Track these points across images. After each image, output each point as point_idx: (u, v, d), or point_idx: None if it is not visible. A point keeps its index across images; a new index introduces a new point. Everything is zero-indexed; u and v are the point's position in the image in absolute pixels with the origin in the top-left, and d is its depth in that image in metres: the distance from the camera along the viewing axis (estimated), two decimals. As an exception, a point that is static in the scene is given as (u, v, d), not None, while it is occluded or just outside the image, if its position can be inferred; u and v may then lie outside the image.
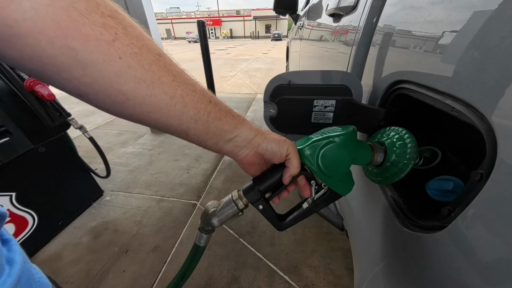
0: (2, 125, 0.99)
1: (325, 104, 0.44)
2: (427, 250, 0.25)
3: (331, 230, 1.28)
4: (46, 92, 1.09)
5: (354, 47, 0.51)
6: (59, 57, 0.17)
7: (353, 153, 0.33)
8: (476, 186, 0.20)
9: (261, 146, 0.32)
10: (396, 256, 0.32)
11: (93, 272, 1.09)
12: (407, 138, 0.33)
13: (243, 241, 1.23)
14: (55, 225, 1.27)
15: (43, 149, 1.17)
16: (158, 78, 0.22)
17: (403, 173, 0.33)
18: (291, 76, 0.45)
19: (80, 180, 1.42)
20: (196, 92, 0.26)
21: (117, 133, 2.62)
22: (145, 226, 1.34)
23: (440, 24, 0.26)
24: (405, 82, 0.33)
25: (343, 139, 0.32)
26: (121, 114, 0.23)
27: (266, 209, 0.35)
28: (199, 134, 0.28)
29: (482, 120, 0.20)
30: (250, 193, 0.34)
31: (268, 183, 0.33)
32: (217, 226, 0.35)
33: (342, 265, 1.10)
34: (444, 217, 0.23)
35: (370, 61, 0.46)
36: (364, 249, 0.44)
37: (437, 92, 0.26)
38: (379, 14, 0.44)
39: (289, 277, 1.04)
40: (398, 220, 0.31)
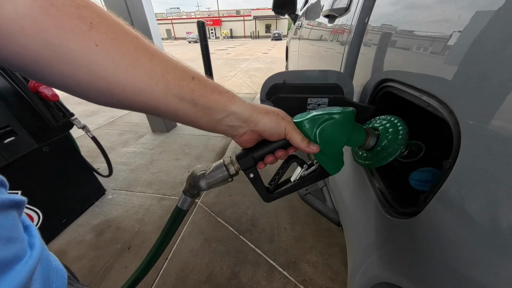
0: (7, 125, 1.02)
1: (318, 102, 0.47)
2: (407, 234, 0.27)
3: (329, 226, 1.31)
4: (50, 92, 1.12)
5: (347, 47, 0.53)
6: (40, 52, 0.18)
7: (349, 133, 0.33)
8: (446, 173, 0.22)
9: (259, 125, 0.31)
10: (383, 242, 0.34)
11: (97, 268, 1.11)
12: (400, 125, 0.34)
13: (243, 238, 1.25)
14: (59, 223, 1.30)
15: (47, 149, 1.20)
16: (136, 58, 0.22)
17: (391, 157, 0.34)
18: (286, 75, 0.47)
19: (83, 179, 1.45)
20: (177, 69, 0.25)
21: (118, 133, 2.65)
22: (147, 224, 1.36)
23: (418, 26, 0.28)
24: (390, 81, 0.35)
25: (342, 117, 0.32)
26: (110, 102, 0.24)
27: (256, 178, 0.35)
28: (188, 114, 0.27)
29: (451, 114, 0.22)
30: (243, 159, 0.33)
31: (263, 151, 0.33)
32: (204, 189, 0.35)
33: (340, 260, 1.12)
34: (421, 203, 0.25)
35: (361, 61, 0.48)
36: (356, 240, 0.46)
37: (415, 90, 0.28)
38: (369, 15, 0.46)
39: (288, 273, 1.07)
40: (383, 210, 0.34)
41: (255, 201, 1.52)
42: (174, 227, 0.42)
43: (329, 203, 0.91)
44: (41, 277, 0.24)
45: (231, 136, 0.32)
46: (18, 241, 0.21)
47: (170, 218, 0.42)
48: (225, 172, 0.34)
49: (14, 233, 0.21)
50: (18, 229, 0.22)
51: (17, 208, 0.23)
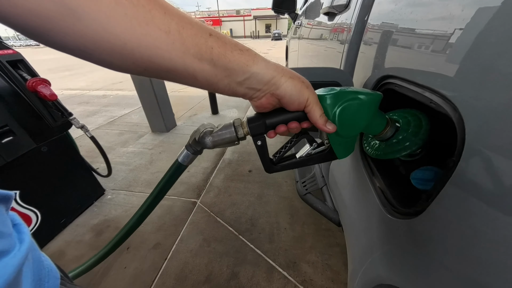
0: (5, 125, 1.01)
1: (318, 100, 0.46)
2: (408, 234, 0.26)
3: (329, 226, 1.30)
4: (48, 92, 1.11)
5: (347, 45, 0.53)
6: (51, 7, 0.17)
7: (370, 118, 0.32)
8: (449, 172, 0.21)
9: (280, 90, 0.28)
10: (384, 242, 0.33)
11: (96, 268, 1.10)
12: (423, 121, 0.33)
13: (242, 238, 1.24)
14: (58, 223, 1.30)
15: (45, 148, 1.19)
16: (148, 11, 0.21)
17: (405, 151, 0.32)
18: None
19: (82, 179, 1.45)
20: (192, 25, 0.23)
21: (118, 133, 2.64)
22: (146, 224, 1.35)
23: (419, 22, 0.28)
24: (391, 77, 0.34)
25: (369, 99, 0.30)
26: (125, 64, 0.22)
27: (263, 146, 0.34)
28: (207, 77, 0.25)
29: (454, 110, 0.21)
30: (254, 123, 0.31)
31: (276, 119, 0.31)
32: (209, 147, 0.34)
33: (340, 260, 1.11)
34: (423, 203, 0.25)
35: (361, 58, 0.47)
36: (356, 240, 0.45)
37: (417, 86, 0.27)
38: (369, 12, 0.46)
39: (288, 273, 1.06)
40: (384, 209, 0.33)
41: (254, 201, 1.51)
42: (172, 180, 0.41)
43: (329, 203, 0.91)
44: (32, 276, 0.24)
45: (249, 99, 0.30)
46: (6, 236, 0.21)
47: (168, 171, 0.41)
48: (233, 134, 0.32)
49: (2, 228, 0.20)
50: (6, 223, 0.22)
51: (4, 202, 0.22)
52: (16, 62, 1.13)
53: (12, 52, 1.11)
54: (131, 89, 4.88)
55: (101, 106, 3.69)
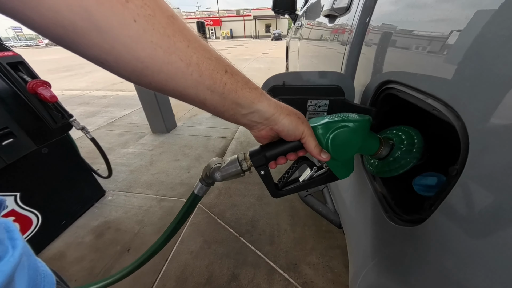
0: (6, 127, 1.01)
1: (319, 104, 0.46)
2: (411, 242, 0.26)
3: (330, 228, 1.30)
4: (48, 94, 1.11)
5: (348, 47, 0.52)
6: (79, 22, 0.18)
7: (362, 141, 0.34)
8: (452, 180, 0.21)
9: (278, 125, 0.31)
10: (385, 248, 0.33)
11: (96, 270, 1.11)
12: (416, 138, 0.35)
13: (243, 240, 1.24)
14: (58, 225, 1.30)
15: (46, 150, 1.19)
16: (173, 43, 0.22)
17: (403, 169, 0.34)
18: (286, 76, 0.46)
19: (83, 180, 1.45)
20: (211, 60, 0.25)
21: (118, 133, 2.64)
22: (146, 225, 1.36)
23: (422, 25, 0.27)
24: (393, 83, 0.34)
25: (357, 125, 0.32)
26: (141, 82, 0.24)
27: (267, 175, 0.37)
28: (215, 105, 0.27)
29: (457, 118, 0.21)
30: (256, 157, 0.35)
31: (275, 151, 0.35)
32: (219, 180, 0.37)
33: (341, 262, 1.11)
34: (426, 211, 0.24)
35: (362, 61, 0.47)
36: (357, 244, 0.45)
37: (420, 92, 0.27)
38: (370, 15, 0.45)
39: (288, 275, 1.06)
40: (386, 215, 0.33)
41: (255, 202, 1.51)
42: (189, 211, 0.45)
43: (330, 205, 0.90)
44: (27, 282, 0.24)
45: (250, 129, 0.34)
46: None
47: (186, 203, 0.44)
48: (238, 167, 0.36)
49: None
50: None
51: None
52: (17, 64, 1.13)
53: (12, 54, 1.11)
54: (131, 89, 4.88)
55: (101, 107, 3.69)
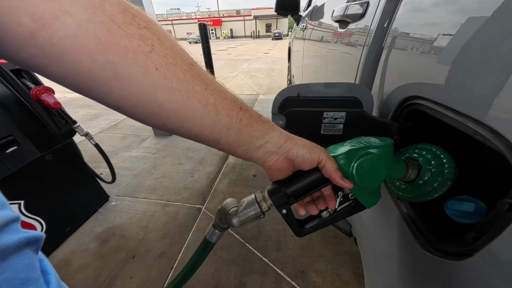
0: (10, 134, 1.00)
1: (335, 116, 0.44)
2: (449, 277, 0.24)
3: (337, 234, 1.28)
4: (52, 100, 1.10)
5: (364, 54, 0.50)
6: (99, 72, 0.18)
7: (389, 167, 0.32)
8: (504, 216, 0.19)
9: (292, 151, 0.31)
10: (413, 277, 0.31)
11: (102, 278, 1.09)
12: (444, 157, 0.32)
13: (249, 246, 1.22)
14: (63, 231, 1.29)
15: (50, 157, 1.18)
16: (192, 87, 0.22)
17: (437, 193, 0.32)
18: (300, 88, 0.44)
19: (87, 186, 1.44)
20: (227, 100, 0.26)
21: (121, 136, 2.63)
22: (151, 231, 1.34)
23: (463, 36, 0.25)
24: (421, 99, 0.32)
25: (381, 151, 0.30)
26: (155, 124, 0.23)
27: (289, 214, 0.34)
28: (230, 142, 0.27)
29: (509, 148, 0.19)
30: (276, 196, 0.32)
31: (296, 187, 0.32)
32: (236, 226, 0.35)
33: (350, 269, 1.09)
34: (468, 244, 0.22)
35: (382, 71, 0.45)
36: (377, 263, 0.43)
37: (457, 113, 0.25)
38: (392, 20, 0.43)
39: (296, 283, 1.04)
40: (416, 241, 0.31)
41: (260, 207, 1.49)
42: (201, 259, 0.41)
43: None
44: None
45: (264, 163, 0.32)
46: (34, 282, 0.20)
47: (198, 250, 0.41)
48: (258, 210, 0.33)
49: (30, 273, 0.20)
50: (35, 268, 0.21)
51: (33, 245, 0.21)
52: (20, 70, 1.12)
53: (15, 60, 1.10)
54: (133, 91, 4.88)
55: (103, 109, 3.68)
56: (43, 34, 0.15)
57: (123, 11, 0.18)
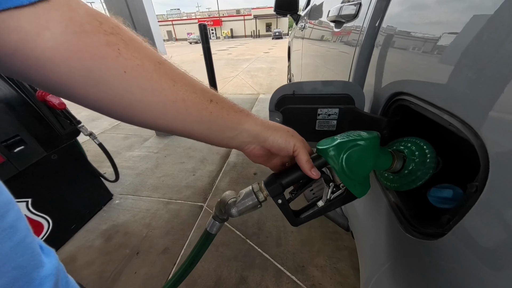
0: (17, 134, 1.03)
1: (329, 113, 0.46)
2: (428, 256, 0.26)
3: (336, 229, 1.30)
4: (57, 101, 1.13)
5: (357, 53, 0.52)
6: (77, 78, 0.20)
7: (376, 158, 0.34)
8: (472, 197, 0.22)
9: (268, 141, 0.32)
10: (399, 260, 0.33)
11: (106, 273, 1.13)
12: (426, 148, 0.35)
13: (250, 242, 1.25)
14: (68, 229, 1.32)
15: (55, 156, 1.22)
16: (160, 85, 0.24)
17: (421, 181, 0.34)
18: (296, 86, 0.46)
19: (91, 185, 1.47)
20: (196, 93, 0.27)
21: (123, 136, 2.67)
22: (154, 229, 1.37)
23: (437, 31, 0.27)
24: (405, 94, 0.34)
25: (368, 143, 0.32)
26: (132, 121, 0.25)
27: (284, 204, 0.36)
28: (203, 134, 0.29)
29: (475, 136, 0.21)
30: (272, 186, 0.34)
31: (289, 178, 0.34)
32: (235, 216, 0.37)
33: (349, 264, 1.11)
34: (444, 225, 0.25)
35: (372, 68, 0.47)
36: (369, 250, 0.46)
37: (435, 107, 0.27)
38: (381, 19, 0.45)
39: (296, 277, 1.06)
40: (401, 226, 0.33)
41: (261, 204, 1.52)
42: (202, 251, 0.43)
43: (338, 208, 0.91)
44: None
45: (241, 150, 0.34)
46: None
47: (199, 242, 0.42)
48: (255, 200, 0.35)
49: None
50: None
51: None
52: (26, 72, 1.15)
53: (21, 62, 1.13)
54: (134, 92, 4.92)
55: (105, 110, 3.73)
56: (27, 48, 0.17)
57: (91, 20, 0.20)
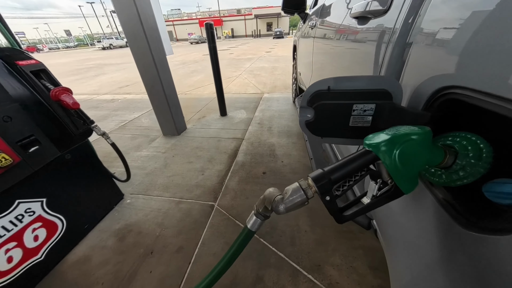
0: (31, 134, 1.03)
1: (365, 108, 0.45)
2: (496, 253, 0.25)
3: (350, 228, 1.29)
4: (71, 100, 1.13)
5: (390, 48, 0.52)
6: None
7: (429, 153, 0.33)
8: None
9: None
10: (456, 258, 0.32)
11: (122, 273, 1.12)
12: (481, 142, 0.34)
13: (264, 241, 1.24)
14: (81, 229, 1.32)
15: (69, 156, 1.22)
16: None
17: (474, 177, 0.33)
18: (331, 82, 0.46)
19: (102, 184, 1.47)
20: None
21: (130, 137, 2.67)
22: (166, 228, 1.37)
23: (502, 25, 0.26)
24: (457, 88, 0.33)
25: (422, 137, 0.32)
26: None
27: (332, 201, 0.35)
28: None
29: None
30: (321, 183, 0.33)
31: (340, 173, 0.33)
32: (282, 213, 0.36)
33: (365, 263, 1.10)
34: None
35: (411, 63, 0.46)
36: (407, 253, 0.45)
37: (499, 99, 0.26)
38: (419, 13, 0.44)
39: (313, 276, 1.06)
40: (456, 222, 0.32)
41: (272, 203, 1.51)
42: (242, 248, 0.42)
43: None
44: None
45: None
46: None
47: (238, 238, 0.42)
48: (303, 196, 0.35)
49: None
50: None
51: None
52: (39, 71, 1.15)
53: (34, 62, 1.13)
54: (138, 92, 4.92)
55: (110, 110, 3.73)
56: None
57: None
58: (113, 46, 32.37)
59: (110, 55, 17.82)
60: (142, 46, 2.07)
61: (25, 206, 1.03)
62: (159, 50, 2.21)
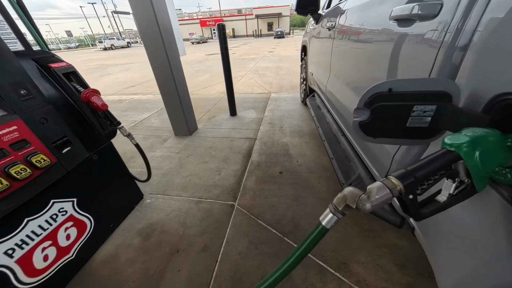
0: (64, 136, 1.05)
1: (425, 109, 0.47)
2: None
3: (372, 227, 1.30)
4: (100, 102, 1.15)
5: (442, 52, 0.53)
6: None
7: (503, 153, 0.35)
8: None
9: None
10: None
11: (151, 271, 1.14)
12: None
13: (288, 240, 1.26)
14: (107, 228, 1.34)
15: (96, 157, 1.24)
16: None
17: None
18: (392, 84, 0.47)
19: (124, 184, 1.49)
20: None
21: (142, 137, 2.69)
22: (189, 227, 1.39)
23: None
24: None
25: (498, 139, 0.34)
26: None
27: (414, 199, 0.36)
28: None
29: None
30: (408, 181, 0.34)
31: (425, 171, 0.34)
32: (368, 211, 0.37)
33: (390, 261, 1.12)
34: None
35: (465, 66, 0.48)
36: (467, 249, 0.46)
37: None
38: (473, 17, 0.46)
39: (340, 274, 1.07)
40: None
41: (291, 203, 1.53)
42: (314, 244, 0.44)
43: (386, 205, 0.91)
44: None
45: None
46: None
47: (311, 234, 0.43)
48: (390, 195, 0.35)
49: None
50: None
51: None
52: (69, 74, 1.17)
53: (65, 64, 1.16)
54: (145, 93, 4.95)
55: (119, 111, 3.75)
56: None
57: None
58: (114, 47, 32.43)
59: (113, 56, 17.87)
60: (158, 45, 2.09)
61: (58, 206, 1.05)
62: (173, 50, 2.23)
